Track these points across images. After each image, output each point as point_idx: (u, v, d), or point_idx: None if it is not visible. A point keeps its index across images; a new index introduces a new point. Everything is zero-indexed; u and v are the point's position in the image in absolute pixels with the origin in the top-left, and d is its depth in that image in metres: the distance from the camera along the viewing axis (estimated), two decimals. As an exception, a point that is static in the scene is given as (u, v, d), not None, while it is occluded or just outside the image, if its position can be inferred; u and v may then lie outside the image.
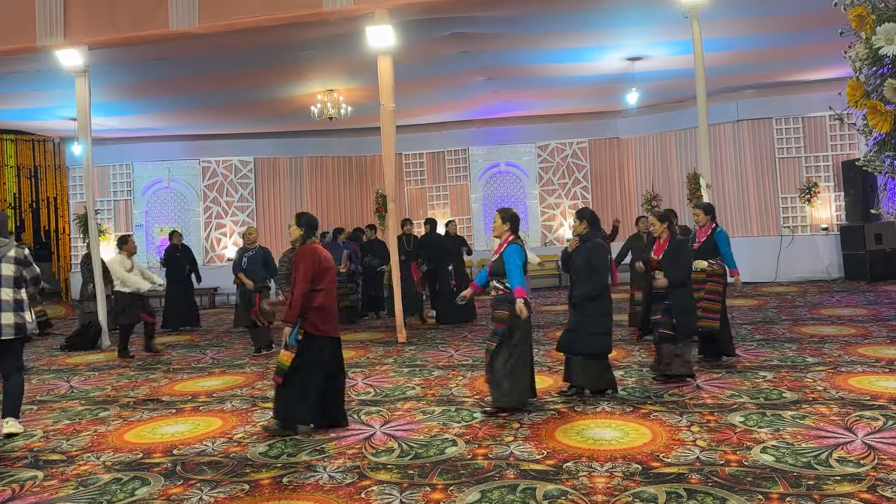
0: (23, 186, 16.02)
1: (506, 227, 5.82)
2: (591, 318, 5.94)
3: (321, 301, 5.36)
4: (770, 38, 10.92)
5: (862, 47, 4.64)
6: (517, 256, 5.63)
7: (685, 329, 6.36)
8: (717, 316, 7.05)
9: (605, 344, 6.00)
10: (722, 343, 7.22)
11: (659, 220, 6.61)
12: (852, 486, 3.85)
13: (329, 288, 5.44)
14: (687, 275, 6.42)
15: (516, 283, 5.55)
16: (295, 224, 5.61)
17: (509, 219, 5.83)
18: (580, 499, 3.88)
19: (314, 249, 5.46)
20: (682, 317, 6.32)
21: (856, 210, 13.43)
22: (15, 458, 5.19)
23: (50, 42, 9.61)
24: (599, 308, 5.96)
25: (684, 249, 6.52)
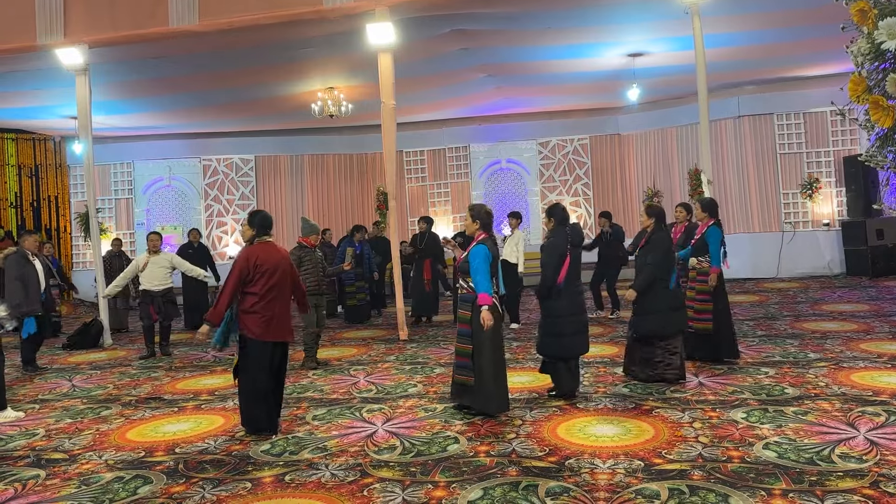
0: (24, 185, 16.01)
1: (475, 225, 5.60)
2: (542, 318, 5.96)
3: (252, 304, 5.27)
4: (771, 34, 10.89)
5: (864, 42, 4.63)
6: (482, 257, 5.38)
7: (640, 329, 6.25)
8: (709, 317, 6.86)
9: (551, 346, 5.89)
10: (720, 345, 6.92)
11: (647, 214, 6.48)
12: (855, 482, 3.84)
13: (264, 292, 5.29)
14: (648, 283, 6.19)
15: (480, 287, 5.34)
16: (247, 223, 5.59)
17: (478, 216, 5.60)
18: (582, 496, 3.87)
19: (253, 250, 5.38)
20: (636, 316, 6.31)
21: (857, 205, 13.40)
22: (17, 456, 5.20)
23: (50, 41, 9.61)
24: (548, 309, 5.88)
25: (655, 249, 6.25)
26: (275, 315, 5.34)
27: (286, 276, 5.49)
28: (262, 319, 5.27)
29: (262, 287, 5.28)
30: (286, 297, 5.51)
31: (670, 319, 6.21)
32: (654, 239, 6.33)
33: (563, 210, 6.06)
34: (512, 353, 8.07)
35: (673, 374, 6.23)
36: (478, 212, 5.63)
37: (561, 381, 5.97)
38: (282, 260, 5.48)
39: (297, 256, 8.09)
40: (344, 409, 6.03)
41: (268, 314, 5.30)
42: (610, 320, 10.14)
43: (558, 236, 5.91)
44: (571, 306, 5.87)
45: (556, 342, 5.86)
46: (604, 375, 6.75)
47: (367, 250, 11.82)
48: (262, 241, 5.46)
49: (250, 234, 5.52)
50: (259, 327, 5.27)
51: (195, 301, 11.97)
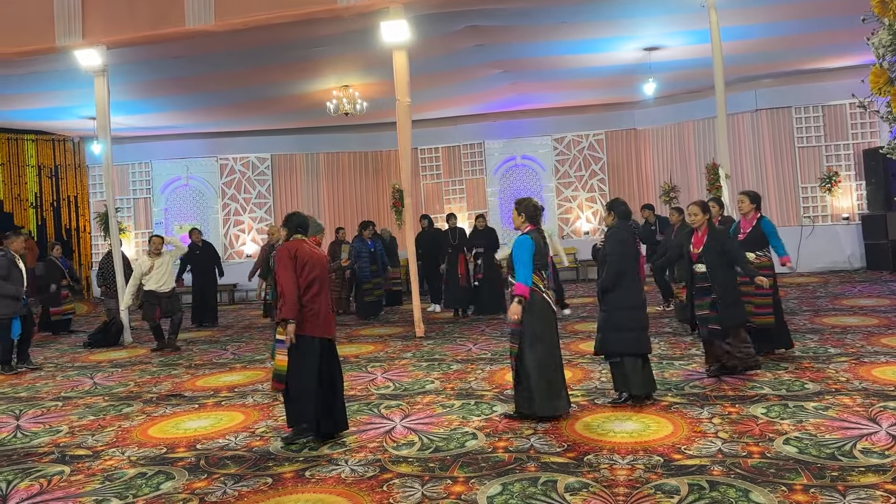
0: (44, 186, 16.21)
1: (521, 218, 5.51)
2: (610, 312, 5.61)
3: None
4: (789, 26, 10.78)
5: (885, 34, 4.58)
6: (525, 247, 5.25)
7: (732, 320, 6.07)
8: (770, 311, 6.74)
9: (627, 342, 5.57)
10: (777, 338, 6.89)
11: (701, 211, 6.26)
12: (877, 477, 3.81)
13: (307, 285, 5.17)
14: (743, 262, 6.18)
15: (519, 277, 5.21)
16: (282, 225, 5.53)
17: (524, 209, 5.51)
18: (602, 491, 3.87)
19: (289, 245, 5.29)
20: (727, 309, 6.05)
21: (877, 199, 13.25)
22: (42, 453, 5.28)
23: (69, 42, 9.71)
24: (617, 301, 5.59)
25: (730, 239, 6.30)
26: (321, 309, 5.22)
27: (325, 271, 5.39)
28: (309, 313, 5.12)
29: (305, 280, 5.16)
30: (327, 292, 5.38)
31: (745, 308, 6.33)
32: (720, 231, 6.35)
33: (623, 204, 5.91)
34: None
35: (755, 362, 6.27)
36: (525, 206, 5.53)
37: (631, 381, 5.56)
38: (320, 256, 5.39)
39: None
40: (362, 406, 6.06)
41: (314, 307, 5.17)
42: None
43: (624, 229, 5.82)
44: (639, 299, 5.70)
45: (632, 336, 5.55)
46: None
47: (380, 247, 11.87)
48: (297, 239, 5.37)
49: (284, 234, 5.47)
50: (315, 325, 5.13)
51: (202, 299, 12.08)
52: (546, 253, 5.48)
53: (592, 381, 6.44)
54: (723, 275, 6.09)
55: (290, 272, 5.10)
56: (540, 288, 5.30)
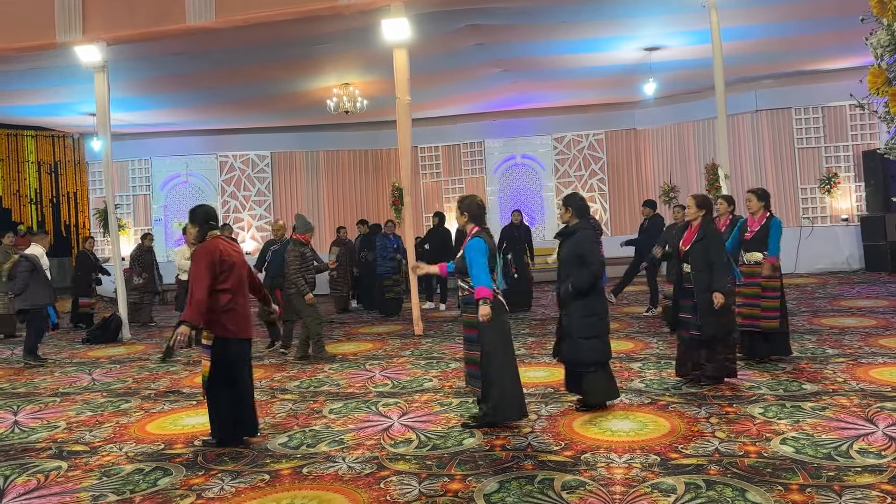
0: (43, 182, 16.21)
1: (464, 218, 5.28)
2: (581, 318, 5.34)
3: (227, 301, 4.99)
4: (789, 27, 10.79)
5: (884, 34, 4.58)
6: (478, 250, 5.05)
7: (709, 329, 5.73)
8: (777, 314, 6.52)
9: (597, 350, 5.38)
10: (776, 342, 6.66)
11: (697, 205, 5.96)
12: (873, 478, 3.82)
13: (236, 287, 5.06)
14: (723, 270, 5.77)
15: (478, 280, 4.98)
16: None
17: (466, 209, 5.27)
18: (598, 490, 3.88)
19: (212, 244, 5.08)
20: (705, 317, 5.73)
21: (876, 200, 13.26)
22: (39, 448, 5.28)
23: (69, 38, 9.71)
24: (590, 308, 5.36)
25: (718, 243, 5.88)
26: (246, 311, 5.12)
27: (245, 271, 5.24)
28: (238, 316, 5.03)
29: (233, 282, 5.03)
30: (246, 292, 5.26)
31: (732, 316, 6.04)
32: (716, 234, 5.95)
33: (581, 199, 5.60)
34: (527, 349, 8.08)
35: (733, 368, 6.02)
36: (467, 205, 5.28)
37: (598, 389, 5.41)
38: (239, 253, 5.24)
39: (300, 253, 8.12)
40: (360, 403, 6.07)
41: (242, 310, 5.07)
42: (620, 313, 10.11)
43: (588, 229, 5.51)
44: (605, 304, 5.53)
45: (601, 344, 5.37)
46: (619, 371, 6.73)
47: (401, 244, 11.66)
48: (215, 236, 5.17)
49: (195, 230, 5.23)
50: (236, 324, 5.01)
51: None
52: (496, 254, 5.27)
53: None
54: (704, 278, 5.77)
55: (205, 275, 4.89)
56: (494, 289, 5.13)
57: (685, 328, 5.97)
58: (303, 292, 8.04)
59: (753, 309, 6.59)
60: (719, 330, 5.80)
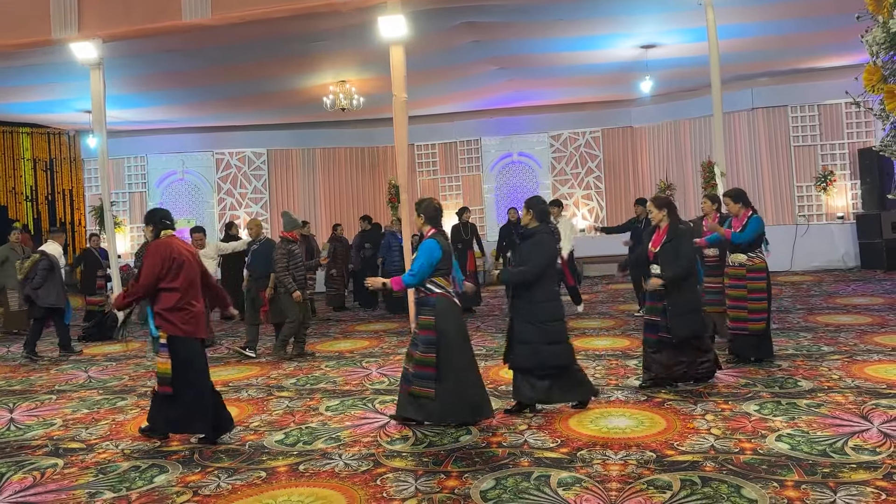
0: (39, 179, 16.15)
1: (421, 219, 5.33)
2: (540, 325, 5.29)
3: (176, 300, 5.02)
4: (785, 25, 10.80)
5: (879, 31, 4.59)
6: (429, 252, 5.08)
7: (681, 331, 5.64)
8: (763, 316, 6.44)
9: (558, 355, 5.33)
10: (761, 345, 6.57)
11: (656, 207, 5.92)
12: (868, 474, 3.83)
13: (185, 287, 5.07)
14: (687, 273, 5.72)
15: (407, 274, 5.11)
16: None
17: (423, 210, 5.30)
18: (594, 486, 3.89)
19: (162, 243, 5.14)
20: (676, 318, 5.63)
21: (872, 198, 13.30)
22: (35, 446, 5.28)
23: (64, 35, 9.66)
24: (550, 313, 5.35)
25: (685, 241, 5.79)
26: (200, 311, 5.14)
27: (198, 270, 5.25)
28: (190, 315, 5.05)
29: (183, 281, 5.05)
30: (201, 293, 5.29)
31: (704, 317, 5.97)
32: (681, 231, 5.85)
33: (544, 203, 5.61)
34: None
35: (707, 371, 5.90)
36: (424, 207, 5.31)
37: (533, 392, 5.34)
38: (192, 254, 5.28)
39: (288, 250, 8.13)
40: (357, 401, 6.07)
41: (194, 310, 5.10)
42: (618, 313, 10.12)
43: (547, 234, 5.50)
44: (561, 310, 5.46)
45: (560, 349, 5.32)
46: (615, 368, 6.75)
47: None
48: (168, 235, 5.24)
49: (149, 231, 5.30)
50: (188, 324, 5.04)
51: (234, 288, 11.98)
52: (452, 256, 5.26)
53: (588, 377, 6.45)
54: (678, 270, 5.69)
55: (154, 269, 4.98)
56: (449, 292, 5.16)
57: (653, 331, 5.83)
58: (290, 290, 8.05)
59: (740, 311, 6.51)
60: (692, 330, 5.71)
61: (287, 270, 8.08)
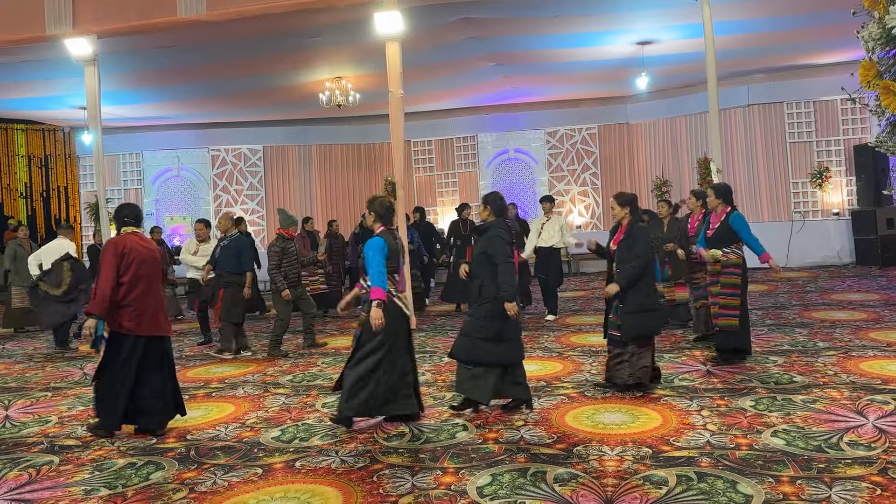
0: (34, 176, 16.10)
1: (371, 217, 5.32)
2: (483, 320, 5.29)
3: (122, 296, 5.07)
4: (781, 21, 10.80)
5: (875, 27, 4.60)
6: (375, 249, 5.03)
7: (630, 331, 5.57)
8: (736, 312, 6.34)
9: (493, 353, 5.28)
10: (738, 342, 6.48)
11: (619, 204, 5.86)
12: (863, 469, 3.84)
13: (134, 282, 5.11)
14: (641, 272, 5.60)
15: (373, 280, 4.97)
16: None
17: (374, 208, 5.28)
18: (590, 482, 3.89)
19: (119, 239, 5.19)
20: (628, 315, 5.58)
21: (868, 194, 13.32)
22: (31, 443, 5.26)
23: (58, 31, 9.62)
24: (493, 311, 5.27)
25: (639, 241, 5.69)
26: (149, 308, 5.16)
27: (155, 268, 5.27)
28: (136, 313, 5.09)
29: (131, 277, 5.08)
30: (157, 289, 5.28)
31: (658, 318, 5.81)
32: (637, 229, 5.79)
33: (501, 198, 5.55)
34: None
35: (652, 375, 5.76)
36: (376, 205, 5.29)
37: (480, 388, 5.28)
38: (150, 251, 5.28)
39: (281, 248, 8.14)
40: (353, 397, 6.06)
41: (140, 307, 5.11)
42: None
43: (503, 228, 5.42)
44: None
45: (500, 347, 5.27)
46: (612, 364, 6.75)
47: (418, 238, 11.53)
48: (128, 232, 5.28)
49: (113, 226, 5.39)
50: (132, 321, 5.08)
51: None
52: (400, 254, 5.24)
53: (583, 373, 6.47)
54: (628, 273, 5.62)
55: (110, 269, 5.05)
56: (391, 292, 5.09)
57: (608, 329, 5.82)
58: (279, 289, 8.06)
59: (713, 307, 6.48)
60: (642, 330, 5.63)
61: (279, 269, 8.09)
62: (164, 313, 5.36)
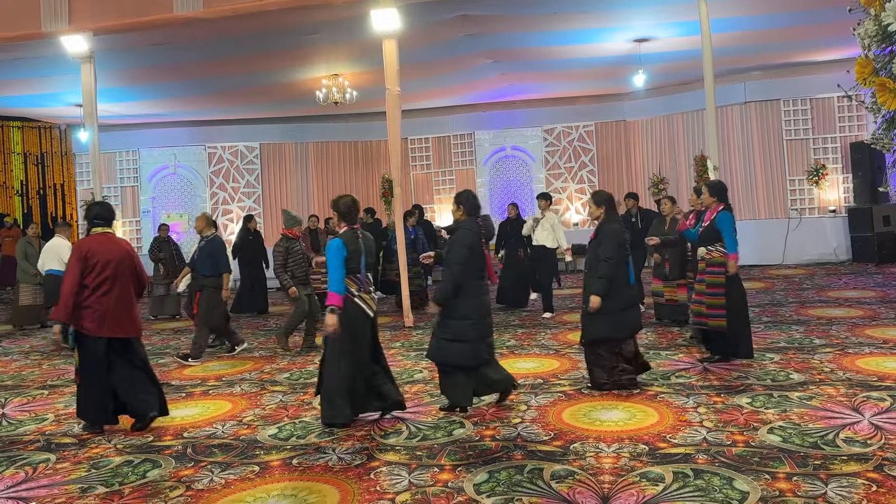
0: (30, 173, 16.07)
1: (335, 216, 5.30)
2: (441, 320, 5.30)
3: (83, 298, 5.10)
4: (778, 19, 10.81)
5: (871, 24, 4.59)
6: (333, 252, 4.99)
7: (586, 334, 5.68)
8: (723, 312, 6.20)
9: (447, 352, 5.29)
10: (733, 344, 6.36)
11: (595, 203, 5.78)
12: (859, 466, 3.85)
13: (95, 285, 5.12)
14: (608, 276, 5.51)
15: (330, 286, 4.95)
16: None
17: (337, 207, 5.24)
18: (587, 479, 3.90)
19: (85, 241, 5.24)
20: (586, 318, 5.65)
21: (864, 192, 13.35)
22: (27, 441, 5.25)
23: (55, 28, 9.59)
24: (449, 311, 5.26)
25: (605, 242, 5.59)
26: (109, 309, 5.12)
27: (123, 269, 5.23)
28: (98, 315, 5.09)
29: (94, 280, 5.09)
30: (124, 291, 5.23)
31: (622, 321, 5.61)
32: (604, 230, 5.67)
33: (473, 197, 5.43)
34: (517, 340, 8.10)
35: (629, 381, 5.65)
36: (341, 204, 5.23)
37: (454, 392, 5.33)
38: (118, 252, 5.24)
39: (285, 248, 8.19)
40: (350, 395, 6.05)
41: (100, 308, 5.10)
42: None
43: (469, 227, 5.33)
44: (479, 308, 5.27)
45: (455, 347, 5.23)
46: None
47: (420, 235, 11.41)
48: (97, 233, 5.29)
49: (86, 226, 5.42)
50: (93, 322, 5.09)
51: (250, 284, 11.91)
52: (362, 254, 5.13)
53: (580, 370, 6.46)
54: (590, 279, 5.64)
55: (72, 273, 5.08)
56: (352, 292, 5.05)
57: None
58: (286, 286, 8.11)
59: (699, 306, 6.39)
60: (597, 335, 5.62)
61: (284, 268, 8.14)
62: (130, 314, 5.26)
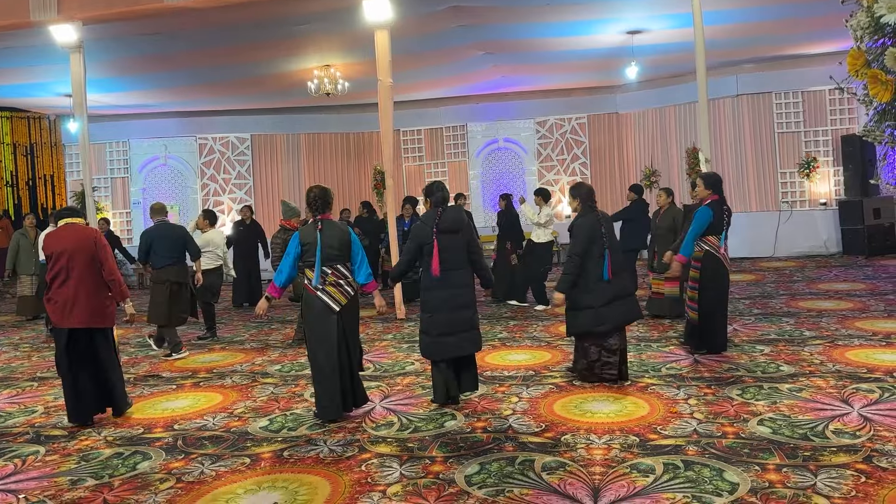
0: (19, 164, 15.91)
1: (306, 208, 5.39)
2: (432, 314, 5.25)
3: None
4: (771, 11, 10.80)
5: (864, 16, 4.61)
6: (291, 245, 5.14)
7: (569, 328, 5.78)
8: (695, 306, 6.30)
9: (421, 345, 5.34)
10: (702, 337, 6.40)
11: (572, 196, 5.80)
12: (848, 457, 3.88)
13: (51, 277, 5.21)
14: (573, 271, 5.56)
15: (275, 277, 5.18)
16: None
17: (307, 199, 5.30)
18: (578, 470, 3.91)
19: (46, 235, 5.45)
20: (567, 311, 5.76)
21: (855, 185, 13.40)
22: (17, 433, 5.23)
23: (43, 17, 9.48)
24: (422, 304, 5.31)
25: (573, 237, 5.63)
26: (67, 300, 5.13)
27: (80, 257, 5.17)
28: (55, 306, 5.17)
29: (52, 272, 5.17)
30: (82, 281, 5.16)
31: (602, 315, 5.52)
32: (574, 224, 5.66)
33: (439, 189, 5.29)
34: (509, 332, 8.10)
35: (611, 376, 5.60)
36: (311, 197, 5.29)
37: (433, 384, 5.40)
38: (72, 241, 5.19)
39: (283, 239, 8.09)
40: (341, 387, 6.04)
41: (59, 299, 5.16)
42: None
43: (425, 219, 5.26)
44: (440, 302, 5.15)
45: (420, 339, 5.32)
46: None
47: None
48: (63, 224, 5.37)
49: None
50: (54, 314, 5.18)
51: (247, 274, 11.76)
52: (317, 247, 5.03)
53: (571, 362, 6.47)
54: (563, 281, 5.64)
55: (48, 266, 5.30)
56: (318, 287, 5.00)
57: None
58: None
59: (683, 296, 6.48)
60: (578, 329, 5.66)
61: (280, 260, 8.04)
62: (82, 305, 5.16)
